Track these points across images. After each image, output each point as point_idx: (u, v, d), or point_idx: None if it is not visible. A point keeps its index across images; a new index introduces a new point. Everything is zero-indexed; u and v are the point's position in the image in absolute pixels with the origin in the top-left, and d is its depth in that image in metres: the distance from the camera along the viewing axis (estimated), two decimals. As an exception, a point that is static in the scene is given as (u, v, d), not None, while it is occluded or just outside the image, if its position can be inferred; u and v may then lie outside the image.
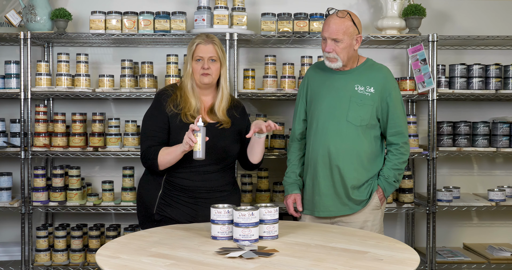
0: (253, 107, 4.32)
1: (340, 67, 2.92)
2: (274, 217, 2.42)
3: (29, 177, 3.88)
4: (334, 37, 2.84)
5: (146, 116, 2.89)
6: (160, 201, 2.81)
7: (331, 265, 2.05)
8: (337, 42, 2.85)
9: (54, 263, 3.93)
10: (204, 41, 2.83)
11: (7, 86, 3.91)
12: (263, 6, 4.30)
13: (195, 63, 2.83)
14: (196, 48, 2.83)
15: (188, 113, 2.79)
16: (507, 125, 4.03)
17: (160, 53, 4.23)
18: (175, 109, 2.81)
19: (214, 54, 2.82)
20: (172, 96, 2.85)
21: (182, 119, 2.79)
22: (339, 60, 2.88)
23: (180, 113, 2.80)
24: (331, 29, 2.84)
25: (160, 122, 2.81)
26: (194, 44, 2.83)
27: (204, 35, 2.87)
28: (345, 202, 2.92)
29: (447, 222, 4.42)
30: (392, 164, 2.94)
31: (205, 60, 2.81)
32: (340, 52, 2.86)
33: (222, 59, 2.86)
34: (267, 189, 4.03)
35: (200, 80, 2.82)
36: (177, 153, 2.68)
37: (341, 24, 2.84)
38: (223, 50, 2.87)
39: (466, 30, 4.32)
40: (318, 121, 2.95)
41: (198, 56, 2.82)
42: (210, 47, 2.82)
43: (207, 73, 2.81)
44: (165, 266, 2.02)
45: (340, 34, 2.84)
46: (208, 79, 2.82)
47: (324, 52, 2.90)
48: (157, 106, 2.86)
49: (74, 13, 4.12)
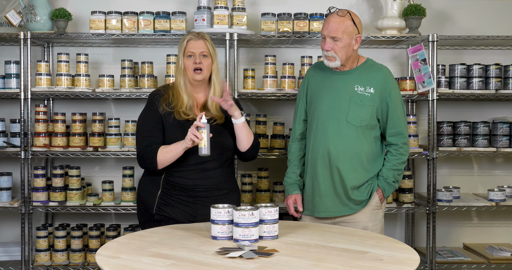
0: (253, 107, 4.32)
1: (339, 66, 2.92)
2: (274, 217, 2.42)
3: (29, 177, 3.88)
4: (333, 36, 2.85)
5: (140, 118, 2.90)
6: (160, 201, 2.81)
7: (331, 265, 2.05)
8: (336, 40, 2.85)
9: (54, 263, 3.93)
10: (195, 37, 2.86)
11: (7, 86, 3.91)
12: (263, 6, 4.30)
13: (186, 59, 2.85)
14: (187, 44, 2.85)
15: (181, 110, 2.81)
16: (507, 125, 4.03)
17: (160, 53, 4.23)
18: (168, 108, 2.82)
19: (205, 49, 2.85)
20: (165, 96, 2.87)
21: (176, 117, 2.80)
22: (338, 59, 2.88)
23: (173, 112, 2.81)
24: (331, 27, 2.85)
25: (154, 122, 2.82)
26: (185, 40, 2.86)
27: (195, 32, 2.91)
28: (345, 202, 2.92)
29: (447, 222, 4.42)
30: (392, 164, 2.94)
31: (196, 55, 2.84)
32: (339, 51, 2.86)
33: (213, 55, 2.88)
34: (267, 189, 4.03)
35: (193, 77, 2.83)
36: (178, 151, 2.68)
37: (341, 22, 2.84)
38: (213, 47, 2.90)
39: (466, 30, 4.32)
40: (318, 121, 2.95)
41: (190, 52, 2.84)
42: (201, 42, 2.85)
43: (199, 68, 2.82)
44: (165, 266, 2.02)
45: (339, 32, 2.84)
46: (201, 76, 2.83)
47: (323, 50, 2.90)
48: (149, 107, 2.88)
49: (74, 13, 4.12)
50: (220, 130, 2.86)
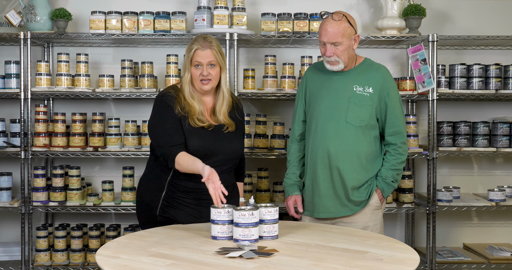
0: (253, 107, 4.32)
1: (342, 68, 2.91)
2: (274, 217, 2.42)
3: (29, 177, 3.88)
4: (334, 41, 2.82)
5: (155, 116, 2.80)
6: (163, 203, 2.79)
7: (331, 265, 2.05)
8: (337, 45, 2.83)
9: (54, 263, 3.93)
10: (201, 46, 2.76)
11: (7, 86, 3.91)
12: (263, 6, 4.30)
13: (194, 69, 2.78)
14: (194, 54, 2.76)
15: (195, 117, 2.77)
16: (507, 125, 4.03)
17: (160, 53, 4.23)
18: (182, 111, 2.78)
19: (213, 58, 2.76)
20: (177, 98, 2.81)
21: (191, 123, 2.76)
22: (341, 63, 2.88)
23: (188, 116, 2.77)
24: (329, 33, 2.82)
25: (174, 121, 2.74)
26: (192, 50, 2.76)
27: (202, 39, 2.79)
28: (345, 203, 2.92)
29: (447, 222, 4.42)
30: (390, 164, 2.93)
31: (204, 66, 2.76)
32: (341, 54, 2.85)
33: (222, 63, 2.80)
34: (267, 189, 4.03)
35: (201, 88, 2.78)
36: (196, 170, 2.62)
37: (338, 26, 2.82)
38: (222, 53, 2.81)
39: (466, 30, 4.32)
40: (317, 122, 2.94)
41: (197, 61, 2.77)
42: (208, 52, 2.75)
43: (208, 79, 2.78)
44: (165, 266, 2.02)
45: (339, 37, 2.82)
46: (209, 86, 2.78)
47: (324, 56, 2.89)
48: (165, 107, 2.78)
49: (74, 13, 4.12)
50: (232, 138, 2.84)
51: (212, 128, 2.77)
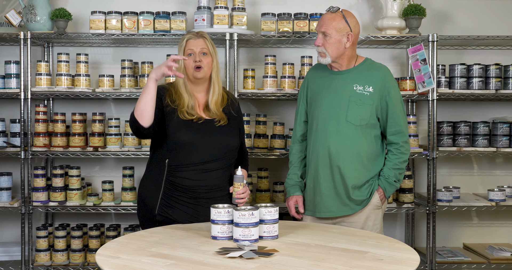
0: (253, 107, 4.32)
1: (329, 62, 2.93)
2: (274, 217, 2.42)
3: (29, 177, 3.88)
4: (323, 30, 2.89)
5: None
6: (162, 202, 2.80)
7: (331, 265, 2.05)
8: (326, 36, 2.89)
9: (54, 263, 3.93)
10: (194, 36, 2.87)
11: (7, 86, 3.91)
12: (263, 6, 4.30)
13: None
14: (186, 43, 2.85)
15: (184, 110, 2.80)
16: (507, 125, 4.03)
17: (160, 53, 4.23)
18: (172, 104, 2.81)
19: (205, 46, 2.85)
20: (169, 91, 2.86)
21: (180, 116, 2.79)
22: (328, 55, 2.91)
23: (177, 110, 2.80)
24: (321, 22, 2.92)
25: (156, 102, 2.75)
26: (184, 39, 2.87)
27: (194, 31, 2.92)
28: (346, 202, 2.92)
29: (447, 222, 4.42)
30: (393, 163, 2.94)
31: (196, 53, 2.83)
32: (328, 47, 2.89)
33: (213, 53, 2.87)
34: (267, 189, 4.03)
35: (194, 75, 2.82)
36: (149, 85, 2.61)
37: (331, 19, 2.89)
38: (213, 45, 2.89)
39: (466, 30, 4.32)
40: (318, 121, 2.95)
41: (189, 49, 2.84)
42: (201, 41, 2.85)
43: (200, 66, 2.81)
44: (165, 266, 2.02)
45: (328, 28, 2.88)
46: (201, 74, 2.82)
47: (315, 45, 2.95)
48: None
49: (74, 13, 4.12)
50: (225, 131, 2.85)
51: (202, 121, 2.79)
